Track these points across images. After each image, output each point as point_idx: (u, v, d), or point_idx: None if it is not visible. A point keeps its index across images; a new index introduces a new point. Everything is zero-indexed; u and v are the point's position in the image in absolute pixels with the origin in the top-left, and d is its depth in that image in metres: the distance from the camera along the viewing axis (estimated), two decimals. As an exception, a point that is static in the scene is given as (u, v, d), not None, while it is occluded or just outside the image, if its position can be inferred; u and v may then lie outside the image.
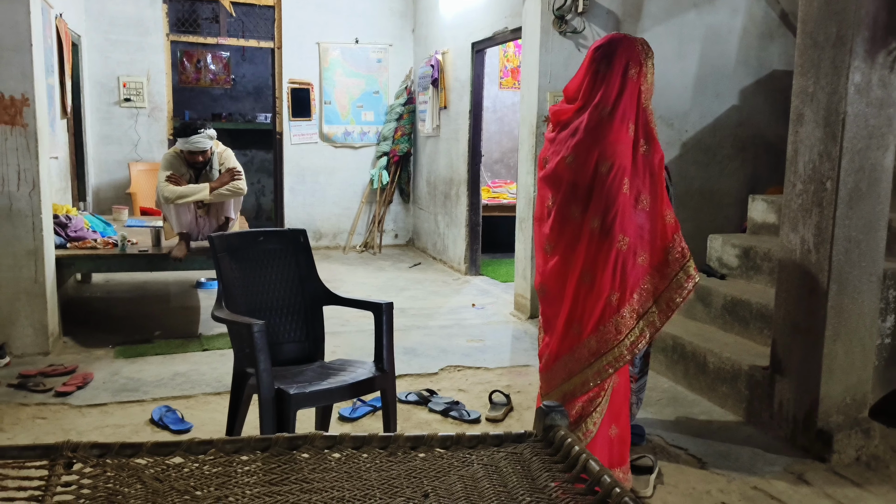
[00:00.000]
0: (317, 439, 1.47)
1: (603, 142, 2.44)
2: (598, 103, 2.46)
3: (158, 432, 3.40)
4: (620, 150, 2.47)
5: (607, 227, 2.49)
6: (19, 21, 4.07)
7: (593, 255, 2.52)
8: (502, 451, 1.54)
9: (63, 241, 4.78)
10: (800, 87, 3.18)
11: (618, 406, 2.69)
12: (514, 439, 1.55)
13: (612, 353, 2.55)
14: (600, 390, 2.58)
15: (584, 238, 2.54)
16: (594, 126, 2.45)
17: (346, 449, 1.51)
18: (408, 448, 1.53)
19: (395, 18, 8.37)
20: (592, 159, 2.49)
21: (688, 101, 5.56)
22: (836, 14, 2.99)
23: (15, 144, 4.16)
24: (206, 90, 10.73)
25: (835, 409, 3.16)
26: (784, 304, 3.30)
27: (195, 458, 1.45)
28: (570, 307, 2.57)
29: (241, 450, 1.45)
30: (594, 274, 2.52)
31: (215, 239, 2.95)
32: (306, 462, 1.47)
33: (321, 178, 8.33)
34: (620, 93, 2.46)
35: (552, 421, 1.52)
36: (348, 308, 3.18)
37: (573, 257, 2.56)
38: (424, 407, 3.78)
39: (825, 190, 3.06)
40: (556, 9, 5.07)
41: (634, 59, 2.48)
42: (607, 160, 2.47)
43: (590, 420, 2.58)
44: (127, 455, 1.39)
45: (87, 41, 7.36)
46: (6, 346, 4.23)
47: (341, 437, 1.46)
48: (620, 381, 2.70)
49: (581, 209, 2.53)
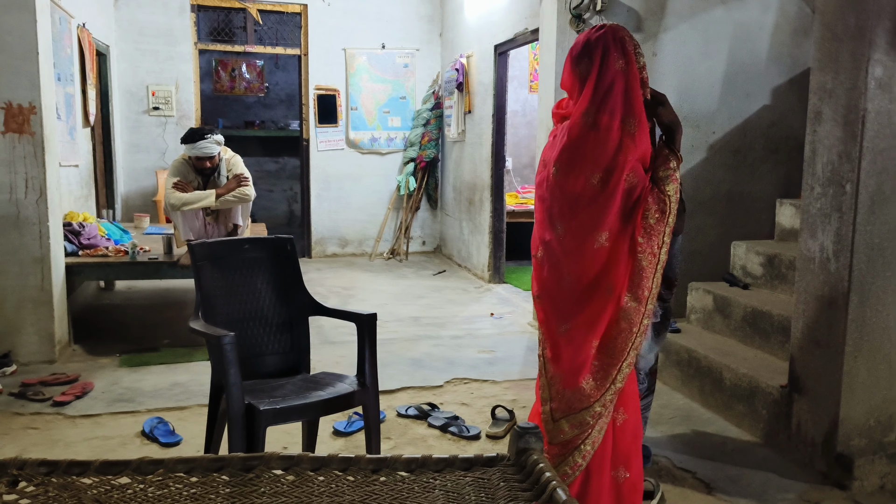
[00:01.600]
0: (273, 460, 1.36)
1: (592, 151, 2.24)
2: (585, 110, 2.27)
3: (147, 445, 3.33)
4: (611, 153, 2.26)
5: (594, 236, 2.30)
6: (26, 30, 4.08)
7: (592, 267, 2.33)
8: (470, 475, 1.40)
9: (75, 249, 4.79)
10: (818, 83, 2.95)
11: (626, 447, 2.42)
12: (485, 462, 1.41)
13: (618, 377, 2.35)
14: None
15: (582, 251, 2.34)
16: (580, 133, 2.27)
17: (303, 471, 1.40)
18: (369, 471, 1.41)
19: (423, 23, 8.27)
20: (579, 169, 2.29)
21: (715, 101, 5.30)
22: (855, 4, 2.75)
23: (23, 152, 4.17)
24: (240, 98, 10.81)
25: (857, 432, 2.90)
26: (802, 316, 3.06)
27: (142, 479, 1.36)
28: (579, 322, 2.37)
29: (193, 470, 1.35)
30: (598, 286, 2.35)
31: (196, 247, 2.86)
32: (258, 484, 1.36)
33: (347, 184, 8.27)
34: (608, 92, 2.24)
35: (526, 444, 1.38)
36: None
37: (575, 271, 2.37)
38: (424, 422, 3.63)
39: (845, 193, 2.82)
40: (573, 7, 4.88)
41: (618, 48, 2.25)
42: (598, 170, 2.25)
43: (577, 453, 2.35)
44: (74, 473, 1.31)
45: (116, 50, 7.44)
46: (12, 354, 4.24)
47: (299, 458, 1.35)
48: (628, 420, 2.43)
49: (566, 223, 2.33)
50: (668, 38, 5.15)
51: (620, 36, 2.29)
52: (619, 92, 2.25)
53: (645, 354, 3.02)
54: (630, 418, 2.42)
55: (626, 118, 2.23)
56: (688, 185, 5.33)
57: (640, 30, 5.09)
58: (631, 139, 2.26)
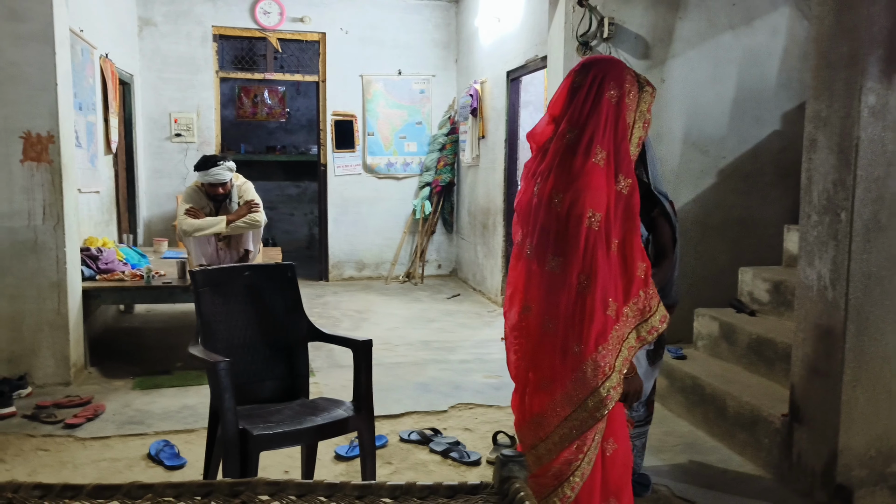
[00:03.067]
0: (259, 486, 1.40)
1: (568, 175, 2.17)
2: (565, 129, 2.24)
3: (152, 468, 3.39)
4: (586, 184, 2.15)
5: (567, 270, 2.20)
6: (45, 62, 4.23)
7: (555, 300, 2.26)
8: (453, 502, 1.43)
9: (93, 273, 4.91)
10: (813, 112, 2.96)
11: (617, 477, 2.36)
12: (469, 490, 1.44)
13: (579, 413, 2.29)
14: (578, 452, 2.33)
15: (543, 281, 2.28)
16: (560, 157, 2.23)
17: (287, 497, 1.43)
18: (353, 498, 1.45)
19: (438, 49, 8.39)
20: (553, 195, 2.18)
21: (724, 126, 5.30)
22: (847, 32, 2.76)
23: (41, 180, 4.30)
24: (263, 124, 11.01)
25: (857, 462, 2.86)
26: (802, 345, 3.04)
27: (131, 503, 1.41)
28: (532, 359, 2.32)
29: (182, 495, 1.39)
30: (556, 322, 2.26)
31: (196, 274, 2.93)
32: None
33: (364, 208, 8.36)
34: (591, 113, 2.17)
35: (509, 472, 1.40)
36: (377, 340, 3.06)
37: (533, 303, 2.32)
38: (426, 447, 3.65)
39: (840, 221, 2.81)
40: (580, 35, 4.93)
41: (615, 79, 2.19)
42: (567, 197, 2.15)
43: (566, 485, 2.32)
44: (67, 497, 1.36)
45: (140, 79, 7.65)
46: (28, 377, 4.34)
47: (285, 484, 1.38)
48: (618, 450, 2.37)
49: (540, 249, 2.29)
50: (676, 65, 5.17)
51: (620, 68, 2.27)
52: (606, 120, 2.21)
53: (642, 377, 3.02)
54: (620, 448, 2.40)
55: (611, 152, 2.19)
56: (697, 210, 5.33)
57: (648, 56, 5.13)
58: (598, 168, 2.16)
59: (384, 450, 3.61)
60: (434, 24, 8.38)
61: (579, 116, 2.18)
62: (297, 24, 7.98)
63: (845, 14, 2.76)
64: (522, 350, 2.30)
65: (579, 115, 2.18)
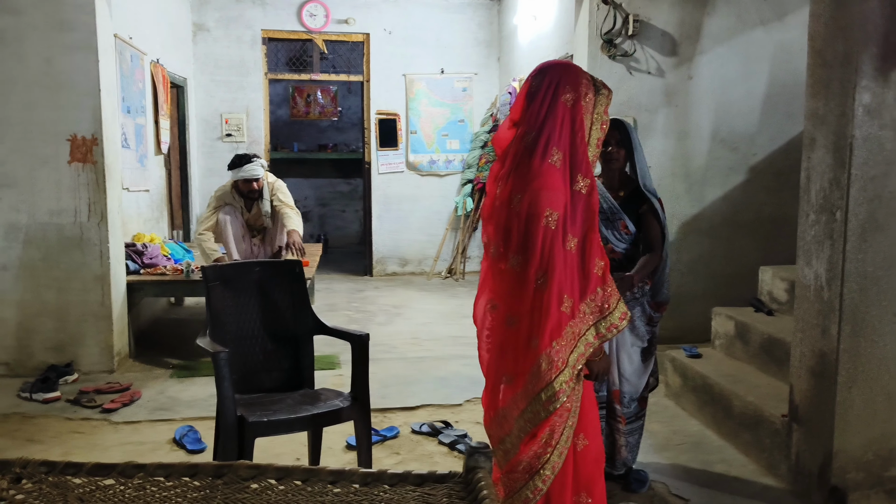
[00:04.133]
0: (241, 469, 1.54)
1: (526, 177, 2.23)
2: (523, 132, 2.31)
3: (175, 451, 3.61)
4: (543, 184, 2.21)
5: (526, 268, 2.24)
6: (90, 69, 4.52)
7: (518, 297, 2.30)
8: (419, 490, 1.54)
9: (138, 268, 5.20)
10: (811, 110, 2.93)
11: (588, 473, 2.43)
12: (437, 479, 1.54)
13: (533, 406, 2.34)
14: (547, 445, 2.39)
15: (506, 279, 2.35)
16: (519, 159, 2.29)
17: (265, 480, 1.57)
18: (327, 482, 1.57)
19: (481, 48, 8.46)
20: (512, 196, 2.26)
21: (755, 123, 5.22)
22: (842, 30, 2.73)
23: (86, 180, 4.59)
24: (315, 122, 11.31)
25: (853, 465, 2.83)
26: (800, 345, 3.02)
27: (125, 482, 1.57)
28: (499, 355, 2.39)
29: (171, 475, 1.54)
30: (519, 318, 2.33)
31: (207, 269, 3.12)
32: (224, 490, 1.54)
33: (406, 205, 8.52)
34: (547, 116, 2.23)
35: (474, 463, 1.50)
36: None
37: (498, 300, 2.39)
38: (435, 439, 3.76)
39: (835, 221, 2.78)
40: (604, 33, 4.94)
41: (570, 83, 2.25)
42: (525, 198, 2.22)
43: (538, 478, 2.38)
44: (69, 474, 1.53)
45: (193, 82, 7.99)
46: (74, 364, 4.65)
47: (265, 468, 1.51)
48: (590, 445, 2.42)
49: (503, 248, 2.33)
50: (704, 61, 5.12)
51: (575, 72, 2.33)
52: (561, 122, 2.23)
53: (632, 380, 3.06)
54: (591, 444, 2.45)
55: (567, 153, 2.25)
56: (726, 208, 5.27)
57: (675, 53, 5.09)
58: (555, 169, 2.22)
59: (394, 440, 3.74)
60: (477, 23, 8.46)
61: (536, 119, 2.25)
62: (342, 26, 8.19)
63: (840, 11, 2.73)
64: (492, 347, 2.39)
65: (536, 118, 2.26)
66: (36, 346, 4.67)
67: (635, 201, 2.98)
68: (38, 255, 4.60)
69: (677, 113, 5.18)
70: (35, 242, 4.58)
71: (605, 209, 2.97)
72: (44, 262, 4.62)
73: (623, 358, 3.02)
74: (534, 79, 2.33)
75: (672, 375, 4.15)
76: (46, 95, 4.47)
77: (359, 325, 6.06)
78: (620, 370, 3.05)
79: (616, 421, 3.07)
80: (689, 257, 5.32)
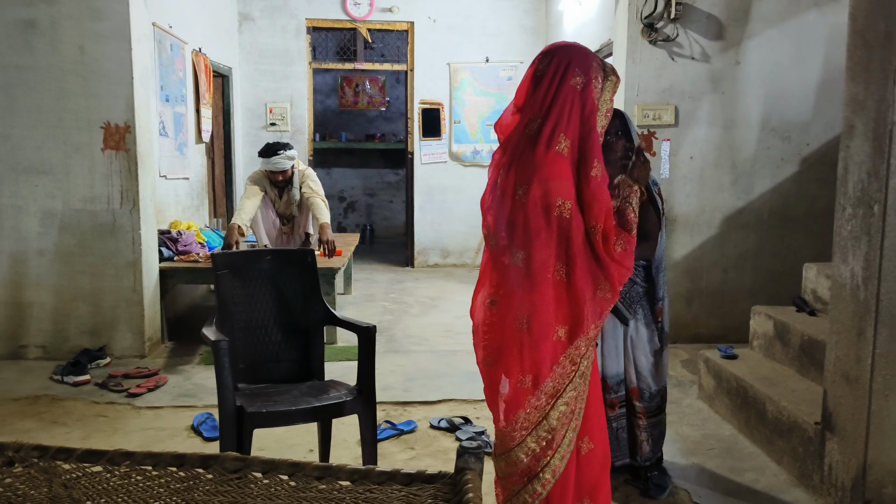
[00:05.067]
0: (227, 460, 1.49)
1: (530, 167, 2.10)
2: (530, 119, 2.18)
3: (192, 438, 3.61)
4: (551, 174, 2.09)
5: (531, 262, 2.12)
6: (122, 58, 4.56)
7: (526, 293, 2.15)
8: (405, 490, 1.46)
9: (171, 255, 5.25)
10: (850, 95, 2.70)
11: (593, 477, 2.31)
12: (426, 479, 1.46)
13: (568, 390, 2.25)
14: (548, 448, 2.27)
15: (511, 275, 2.22)
16: (522, 146, 2.16)
17: (250, 473, 1.52)
18: (313, 478, 1.51)
19: (527, 35, 8.28)
20: (518, 188, 2.12)
21: (808, 110, 4.93)
22: (883, 7, 2.51)
23: (119, 167, 4.65)
24: (363, 112, 11.31)
25: (890, 479, 2.61)
26: (835, 347, 2.80)
27: (111, 469, 1.54)
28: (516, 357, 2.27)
29: (158, 464, 1.51)
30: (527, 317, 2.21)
31: (217, 256, 3.09)
32: (207, 482, 1.50)
33: (449, 196, 8.42)
34: (554, 101, 2.10)
35: (464, 463, 1.42)
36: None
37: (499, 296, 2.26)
38: (452, 434, 3.67)
39: (873, 215, 2.56)
40: (645, 17, 4.73)
41: (580, 65, 2.12)
42: (533, 189, 2.09)
43: (537, 481, 2.26)
44: (60, 459, 1.52)
45: (238, 72, 8.05)
46: (107, 348, 4.72)
47: (251, 461, 1.47)
48: (595, 449, 2.31)
49: (505, 241, 2.15)
50: (753, 45, 4.86)
51: (585, 54, 2.20)
52: (571, 108, 2.13)
53: (650, 376, 2.92)
54: (597, 448, 2.32)
55: (575, 139, 2.12)
56: (775, 200, 5.00)
57: (721, 37, 4.84)
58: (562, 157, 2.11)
59: (411, 435, 3.66)
60: (524, 10, 8.28)
61: (542, 105, 2.13)
62: (386, 14, 8.13)
63: (883, -14, 2.50)
64: (489, 345, 2.26)
65: (542, 103, 2.13)
66: (71, 330, 4.76)
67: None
68: (73, 241, 4.69)
69: (724, 100, 4.93)
70: (70, 228, 4.67)
71: None
72: (78, 248, 4.69)
73: (640, 356, 2.89)
74: (540, 61, 2.21)
75: (706, 377, 3.95)
76: (80, 83, 4.53)
77: (393, 317, 6.01)
78: (638, 368, 2.91)
79: (636, 417, 2.95)
80: (734, 252, 5.07)
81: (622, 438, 3.00)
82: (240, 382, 2.99)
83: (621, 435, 2.99)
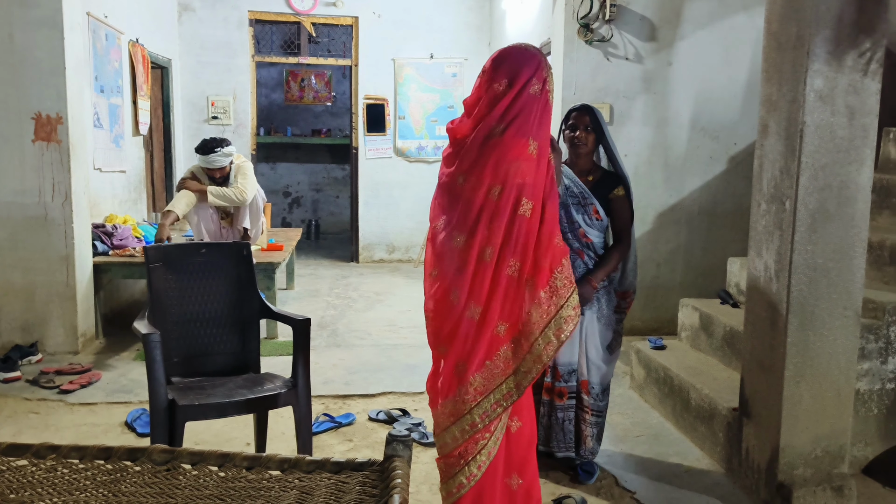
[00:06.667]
0: (155, 452, 1.49)
1: (495, 161, 2.21)
2: (492, 124, 2.22)
3: (126, 434, 3.57)
4: (516, 169, 2.23)
5: (498, 253, 2.29)
6: (54, 46, 4.46)
7: (480, 283, 2.32)
8: (334, 478, 1.49)
9: (107, 249, 5.16)
10: (765, 95, 2.83)
11: (521, 455, 2.43)
12: (355, 467, 1.49)
13: (500, 389, 2.33)
14: (486, 431, 2.35)
15: (470, 265, 2.33)
16: (485, 144, 2.24)
17: (180, 465, 1.52)
18: (243, 468, 1.52)
19: (472, 32, 8.35)
20: (484, 181, 2.25)
21: (736, 111, 5.11)
22: (795, 12, 2.63)
23: (50, 159, 4.55)
24: (309, 107, 11.24)
25: (801, 461, 2.76)
26: (751, 338, 2.94)
27: (36, 463, 1.53)
28: (456, 344, 2.36)
29: (85, 457, 1.50)
30: (480, 304, 2.32)
31: (149, 250, 3.07)
32: (133, 474, 1.50)
33: (395, 192, 8.44)
34: (510, 107, 2.22)
35: (392, 451, 1.45)
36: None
37: (460, 285, 2.37)
38: (391, 426, 3.71)
39: (785, 210, 2.70)
40: (581, 17, 4.84)
41: (533, 73, 2.23)
42: (499, 181, 2.23)
43: (473, 464, 2.34)
44: None
45: (178, 64, 7.92)
46: (38, 344, 4.62)
47: (179, 452, 1.47)
48: (523, 427, 2.41)
49: (469, 234, 2.33)
50: (684, 47, 5.02)
51: (532, 56, 2.28)
52: (532, 112, 2.23)
53: (601, 370, 3.01)
54: (525, 426, 2.42)
55: (538, 140, 2.23)
56: (705, 198, 5.17)
57: (654, 38, 4.99)
58: (533, 160, 2.25)
59: (349, 427, 3.70)
60: (468, 7, 8.35)
61: (506, 112, 2.22)
62: (331, 9, 8.10)
63: (794, -8, 2.63)
64: (438, 328, 2.37)
65: (505, 110, 2.22)
66: (2, 326, 4.64)
67: (605, 186, 2.99)
68: (4, 235, 4.57)
69: (656, 100, 5.08)
70: (0, 222, 4.55)
71: (577, 193, 3.00)
72: (9, 242, 4.58)
73: (591, 349, 2.98)
74: (492, 70, 2.29)
75: (637, 367, 4.08)
76: (9, 72, 4.42)
77: (337, 312, 6.01)
78: (589, 359, 3.00)
79: (584, 411, 3.03)
80: (666, 248, 5.24)
81: (568, 430, 3.05)
82: (174, 376, 2.98)
83: (568, 427, 3.05)
